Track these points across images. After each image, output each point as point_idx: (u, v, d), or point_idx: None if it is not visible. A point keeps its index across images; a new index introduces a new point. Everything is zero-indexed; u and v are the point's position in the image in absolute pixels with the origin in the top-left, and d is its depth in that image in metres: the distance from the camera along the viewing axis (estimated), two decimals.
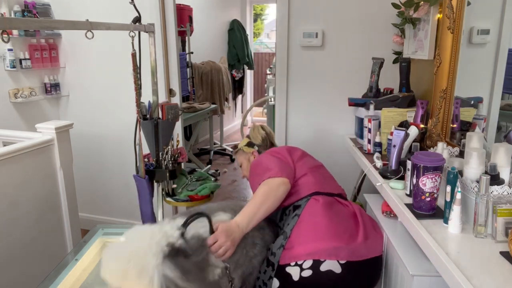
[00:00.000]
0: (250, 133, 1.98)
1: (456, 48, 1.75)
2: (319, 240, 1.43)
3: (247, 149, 1.94)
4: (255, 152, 1.92)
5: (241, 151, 1.99)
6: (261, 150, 1.90)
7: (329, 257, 1.40)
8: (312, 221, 1.49)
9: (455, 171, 1.25)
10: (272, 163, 1.61)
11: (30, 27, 1.91)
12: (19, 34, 2.89)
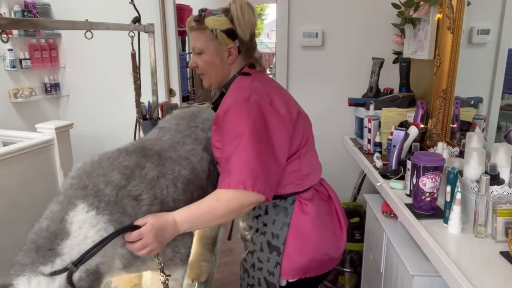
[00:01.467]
0: (236, 14, 1.22)
1: (456, 48, 1.75)
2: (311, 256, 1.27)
3: (223, 38, 1.23)
4: (233, 50, 1.25)
5: (209, 33, 1.23)
6: (241, 50, 1.27)
7: (320, 271, 1.32)
8: (303, 236, 1.26)
9: (455, 171, 1.25)
10: (260, 153, 1.10)
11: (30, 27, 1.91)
12: (19, 34, 2.89)
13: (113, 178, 1.05)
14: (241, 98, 1.16)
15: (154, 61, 2.14)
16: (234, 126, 1.12)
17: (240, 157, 1.08)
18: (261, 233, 1.28)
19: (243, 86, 1.23)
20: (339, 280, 2.40)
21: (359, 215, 2.39)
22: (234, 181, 1.07)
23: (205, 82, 1.31)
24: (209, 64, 1.26)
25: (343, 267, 2.38)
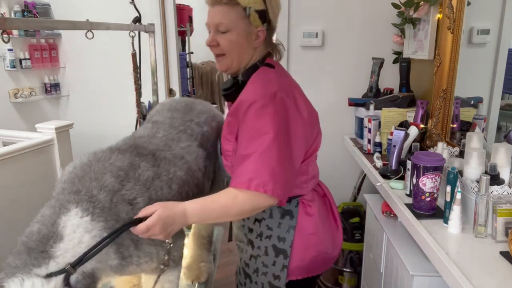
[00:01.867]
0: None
1: (456, 48, 1.75)
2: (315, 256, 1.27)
3: (255, 19, 1.14)
4: (261, 33, 1.17)
5: (241, 11, 1.14)
6: (267, 36, 1.19)
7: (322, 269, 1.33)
8: (307, 237, 1.24)
9: (455, 171, 1.25)
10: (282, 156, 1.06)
11: (30, 27, 1.91)
12: (19, 34, 2.89)
13: (107, 183, 1.02)
14: (267, 93, 1.09)
15: (154, 61, 2.14)
16: (259, 123, 1.06)
17: (262, 158, 1.03)
18: (266, 237, 1.23)
19: (269, 79, 1.15)
20: (339, 280, 2.40)
21: (359, 215, 2.39)
22: (255, 182, 1.02)
23: (223, 64, 1.19)
24: (234, 45, 1.15)
25: (343, 267, 2.38)
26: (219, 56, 1.19)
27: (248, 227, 1.27)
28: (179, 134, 1.31)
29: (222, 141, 1.21)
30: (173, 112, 1.40)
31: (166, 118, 1.36)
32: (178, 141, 1.29)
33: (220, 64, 1.20)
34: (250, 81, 1.17)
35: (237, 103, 1.13)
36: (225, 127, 1.18)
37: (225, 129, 1.18)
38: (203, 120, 1.40)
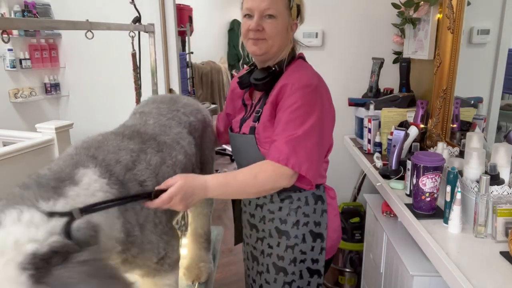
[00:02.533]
0: None
1: (456, 48, 1.76)
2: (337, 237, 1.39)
3: (294, 12, 1.25)
4: (295, 26, 1.27)
5: (287, 2, 1.22)
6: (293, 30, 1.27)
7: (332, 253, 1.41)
8: (332, 218, 1.33)
9: (455, 171, 1.25)
10: (319, 143, 1.14)
11: (30, 27, 1.91)
12: (19, 34, 2.89)
13: (122, 159, 1.01)
14: (312, 83, 1.17)
15: (154, 61, 2.14)
16: (303, 108, 1.12)
17: (302, 140, 1.10)
18: (303, 224, 1.27)
19: (309, 71, 1.25)
20: (339, 280, 2.40)
21: (359, 215, 2.39)
22: (292, 161, 1.08)
23: (262, 47, 1.21)
24: (279, 32, 1.20)
25: (343, 267, 2.38)
26: (259, 40, 1.20)
27: (280, 218, 1.27)
28: (169, 120, 1.30)
29: (261, 128, 1.21)
30: (158, 104, 1.39)
31: (153, 109, 1.35)
32: (170, 127, 1.27)
33: (258, 47, 1.21)
34: (291, 69, 1.23)
35: (280, 88, 1.18)
36: (265, 114, 1.21)
37: (264, 116, 1.21)
38: (188, 111, 1.40)
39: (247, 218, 1.37)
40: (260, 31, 1.19)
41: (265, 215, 1.30)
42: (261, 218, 1.31)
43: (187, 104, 1.43)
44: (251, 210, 1.34)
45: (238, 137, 1.30)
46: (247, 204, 1.35)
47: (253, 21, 1.18)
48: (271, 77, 1.23)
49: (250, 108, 1.33)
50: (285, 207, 1.27)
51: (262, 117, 1.22)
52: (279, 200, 1.27)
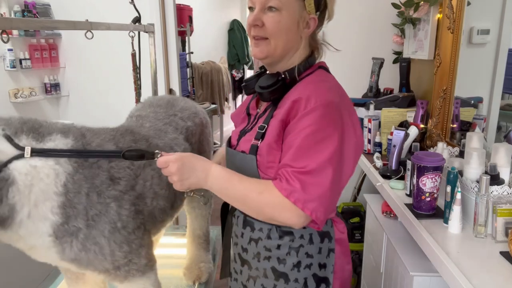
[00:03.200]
0: None
1: (456, 48, 1.75)
2: (347, 278, 1.13)
3: (310, 3, 0.98)
4: (312, 22, 1.01)
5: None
6: (316, 30, 1.05)
7: None
8: (341, 258, 1.09)
9: (455, 171, 1.25)
10: (334, 177, 0.91)
11: (30, 27, 1.91)
12: (19, 34, 2.89)
13: (105, 145, 1.00)
14: (331, 102, 0.93)
15: (154, 61, 2.14)
16: (319, 135, 0.90)
17: (317, 175, 0.89)
18: (306, 266, 1.03)
19: (330, 84, 1.00)
20: None
21: (359, 215, 2.39)
22: (296, 195, 0.88)
23: (262, 49, 0.98)
24: (283, 28, 0.96)
25: None
26: (259, 39, 0.98)
27: (278, 258, 1.03)
28: (166, 126, 1.27)
29: (265, 150, 0.97)
30: (155, 107, 1.37)
31: (150, 112, 1.33)
32: (166, 133, 1.25)
33: (259, 49, 0.99)
34: (307, 80, 1.00)
35: (292, 103, 0.94)
36: (271, 132, 0.97)
37: (270, 135, 0.97)
38: (186, 115, 1.37)
39: (238, 252, 1.11)
40: (259, 27, 0.97)
41: (260, 251, 1.05)
42: (255, 254, 1.06)
43: (184, 108, 1.41)
44: (244, 243, 1.08)
45: (236, 155, 1.06)
46: (239, 236, 1.09)
47: (252, 14, 0.97)
48: (279, 86, 0.99)
49: (254, 119, 1.09)
50: (285, 245, 1.02)
51: (268, 136, 0.97)
52: (278, 236, 1.02)
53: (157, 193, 1.11)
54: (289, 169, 0.91)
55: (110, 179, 0.99)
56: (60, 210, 0.92)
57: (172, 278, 1.57)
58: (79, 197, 0.94)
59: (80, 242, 0.95)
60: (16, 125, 0.90)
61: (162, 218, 1.18)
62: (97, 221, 0.97)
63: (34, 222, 0.90)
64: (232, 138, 1.15)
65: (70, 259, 0.97)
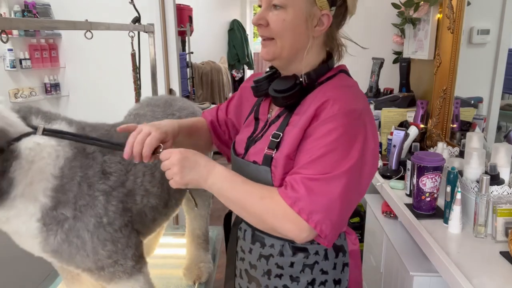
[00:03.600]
0: None
1: (456, 48, 1.75)
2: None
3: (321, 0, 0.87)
4: (325, 19, 0.90)
5: None
6: (332, 25, 0.93)
7: None
8: (354, 271, 1.02)
9: (455, 171, 1.25)
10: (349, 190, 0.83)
11: (30, 27, 1.91)
12: (19, 34, 2.89)
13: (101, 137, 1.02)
14: (355, 109, 0.86)
15: (154, 61, 2.14)
16: (340, 143, 0.83)
17: (326, 184, 0.81)
18: (320, 283, 0.97)
19: (357, 90, 0.93)
20: None
21: (359, 215, 2.39)
22: (301, 204, 0.81)
23: (269, 51, 0.91)
24: (290, 26, 0.87)
25: None
26: (266, 39, 0.91)
27: (291, 276, 0.96)
28: None
29: (283, 161, 0.89)
30: (153, 107, 1.37)
31: (148, 111, 1.33)
32: None
33: (265, 50, 0.91)
34: (330, 85, 0.92)
35: (315, 110, 0.86)
36: (290, 142, 0.88)
37: (289, 146, 0.88)
38: (184, 115, 1.37)
39: (245, 268, 1.03)
40: (264, 27, 0.89)
41: (271, 269, 0.97)
42: (265, 271, 0.98)
43: (182, 108, 1.41)
44: (252, 260, 1.00)
45: (246, 165, 0.96)
46: (247, 251, 1.01)
47: (257, 13, 0.90)
48: (297, 90, 0.91)
49: (264, 125, 0.99)
50: (299, 262, 0.95)
51: (286, 146, 0.89)
52: (291, 253, 0.94)
53: (148, 191, 1.11)
54: (298, 175, 0.83)
55: (102, 173, 1.00)
56: (52, 193, 0.93)
57: (172, 278, 1.56)
58: (71, 184, 0.95)
59: (64, 233, 0.95)
60: (24, 109, 0.95)
61: (153, 217, 1.16)
62: (83, 213, 0.97)
63: (25, 202, 0.91)
64: (237, 145, 1.04)
65: (52, 250, 0.96)
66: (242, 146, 1.01)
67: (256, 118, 1.03)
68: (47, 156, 0.92)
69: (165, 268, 1.64)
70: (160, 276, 1.57)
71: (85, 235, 0.97)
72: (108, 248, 1.01)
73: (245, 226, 1.02)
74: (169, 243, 1.85)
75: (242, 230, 1.03)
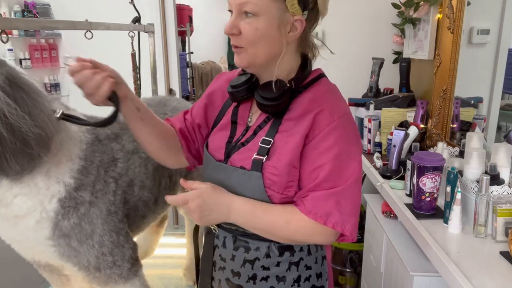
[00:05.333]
0: None
1: (456, 48, 1.75)
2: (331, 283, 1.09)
3: (293, 4, 0.86)
4: (298, 24, 0.88)
5: None
6: (306, 28, 0.92)
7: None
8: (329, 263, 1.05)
9: (455, 171, 1.25)
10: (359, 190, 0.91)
11: (30, 27, 1.91)
12: (19, 34, 2.89)
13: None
14: (348, 112, 0.91)
15: (154, 61, 2.14)
16: (346, 150, 0.87)
17: (349, 193, 0.87)
18: (305, 279, 0.98)
19: (339, 94, 0.96)
20: (339, 280, 2.40)
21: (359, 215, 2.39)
22: (334, 219, 0.85)
23: (243, 58, 0.90)
24: (262, 35, 0.86)
25: (343, 267, 2.38)
26: (238, 48, 0.89)
27: (278, 276, 0.96)
28: None
29: (286, 170, 0.88)
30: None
31: None
32: None
33: (239, 57, 0.90)
34: (319, 91, 0.93)
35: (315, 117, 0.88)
36: (290, 151, 0.88)
37: (287, 155, 0.88)
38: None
39: (226, 277, 0.98)
40: (236, 36, 0.87)
41: (257, 272, 0.95)
42: (250, 277, 0.96)
43: (176, 108, 1.41)
44: (235, 267, 0.97)
45: (231, 171, 0.93)
46: (228, 259, 0.98)
47: (228, 21, 0.88)
48: (287, 97, 0.90)
49: (245, 130, 0.97)
50: (285, 261, 0.95)
51: (282, 153, 0.88)
52: (278, 253, 0.94)
53: (143, 182, 1.13)
54: (320, 192, 0.86)
55: (112, 159, 1.05)
56: (76, 175, 0.95)
57: (172, 278, 1.57)
58: (92, 168, 0.99)
59: (78, 217, 0.95)
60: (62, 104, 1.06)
61: (144, 213, 1.17)
62: (98, 198, 0.99)
63: (48, 180, 0.91)
64: (213, 149, 1.00)
65: (61, 235, 0.94)
66: (220, 151, 0.98)
67: (234, 122, 0.99)
68: (74, 138, 0.98)
69: (165, 268, 1.64)
70: (160, 276, 1.57)
71: (97, 222, 0.98)
72: (112, 239, 1.01)
73: (224, 233, 0.98)
74: (169, 243, 1.86)
75: (221, 238, 0.99)
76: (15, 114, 0.81)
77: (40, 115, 0.87)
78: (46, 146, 0.87)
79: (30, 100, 0.86)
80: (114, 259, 1.03)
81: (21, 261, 2.14)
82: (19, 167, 0.83)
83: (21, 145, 0.81)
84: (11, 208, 0.90)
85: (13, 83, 0.84)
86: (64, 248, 0.97)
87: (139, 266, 1.13)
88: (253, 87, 0.94)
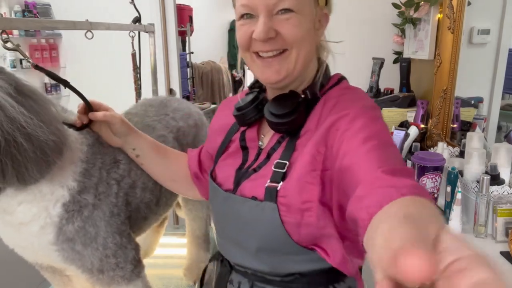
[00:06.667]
0: None
1: (456, 48, 1.75)
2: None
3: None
4: (324, 19, 0.81)
5: None
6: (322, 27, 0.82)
7: None
8: None
9: (456, 171, 1.25)
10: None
11: (30, 27, 1.91)
12: (19, 34, 2.89)
13: None
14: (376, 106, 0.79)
15: (154, 61, 2.14)
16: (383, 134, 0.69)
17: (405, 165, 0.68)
18: None
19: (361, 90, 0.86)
20: None
21: None
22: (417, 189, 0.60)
23: (281, 68, 0.73)
24: (304, 32, 0.72)
25: None
26: (277, 55, 0.72)
27: None
28: (154, 122, 1.27)
29: (296, 189, 0.70)
30: (147, 107, 1.36)
31: (140, 110, 1.33)
32: (153, 129, 1.24)
33: (276, 68, 0.73)
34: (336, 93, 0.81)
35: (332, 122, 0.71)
36: (301, 167, 0.70)
37: (299, 169, 0.70)
38: (178, 116, 1.36)
39: None
40: (273, 40, 0.71)
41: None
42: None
43: (177, 109, 1.39)
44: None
45: (238, 202, 0.76)
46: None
47: (259, 24, 0.71)
48: (303, 110, 0.74)
49: (257, 154, 0.81)
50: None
51: (295, 172, 0.71)
52: None
53: (145, 184, 1.11)
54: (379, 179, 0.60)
55: (113, 162, 1.03)
56: (79, 178, 0.94)
57: (172, 278, 1.57)
58: (94, 170, 0.97)
59: (83, 220, 0.94)
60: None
61: (146, 214, 1.16)
62: (101, 201, 0.98)
63: (52, 186, 0.90)
64: (220, 178, 0.84)
65: (66, 239, 0.93)
66: (229, 180, 0.81)
67: (244, 147, 0.84)
68: (75, 141, 0.95)
69: (166, 268, 1.64)
70: (160, 276, 1.57)
71: (101, 224, 0.97)
72: (116, 241, 1.00)
73: (239, 277, 0.83)
74: (170, 243, 1.85)
75: (235, 283, 0.84)
76: (31, 123, 0.80)
77: (53, 122, 0.86)
78: (60, 151, 0.87)
79: (40, 108, 0.85)
80: (117, 261, 1.02)
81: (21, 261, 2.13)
82: (39, 175, 0.83)
83: (40, 153, 0.81)
84: (15, 216, 0.89)
85: (21, 92, 0.83)
86: (68, 252, 0.96)
87: (142, 268, 1.12)
88: (261, 106, 0.79)
